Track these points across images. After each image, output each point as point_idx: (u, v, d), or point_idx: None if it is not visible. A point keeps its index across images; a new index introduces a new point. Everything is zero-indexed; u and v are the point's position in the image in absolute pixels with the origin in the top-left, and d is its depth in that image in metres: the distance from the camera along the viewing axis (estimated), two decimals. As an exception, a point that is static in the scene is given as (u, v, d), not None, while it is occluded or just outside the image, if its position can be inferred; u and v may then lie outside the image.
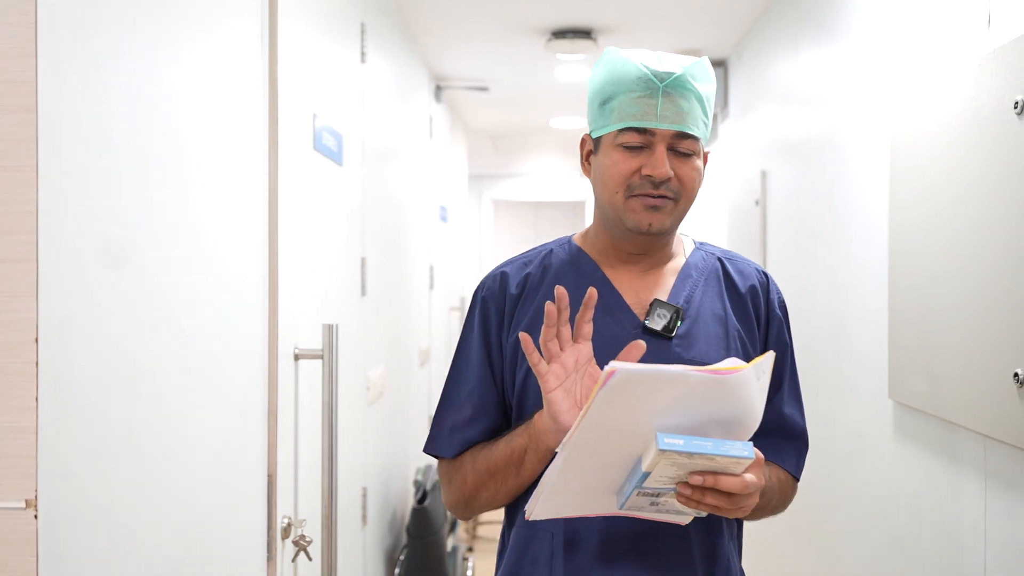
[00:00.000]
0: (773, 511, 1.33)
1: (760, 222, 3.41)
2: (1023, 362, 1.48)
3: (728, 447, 1.05)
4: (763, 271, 1.41)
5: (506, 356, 1.34)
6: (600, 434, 1.06)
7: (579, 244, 1.40)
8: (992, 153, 1.58)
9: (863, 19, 2.38)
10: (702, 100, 1.28)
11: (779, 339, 1.37)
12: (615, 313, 1.31)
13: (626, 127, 1.27)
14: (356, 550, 2.62)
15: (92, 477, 1.09)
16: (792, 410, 1.36)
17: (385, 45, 3.12)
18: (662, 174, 1.25)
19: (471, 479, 1.31)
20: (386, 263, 3.08)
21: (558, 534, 1.28)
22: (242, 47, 1.60)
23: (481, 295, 1.38)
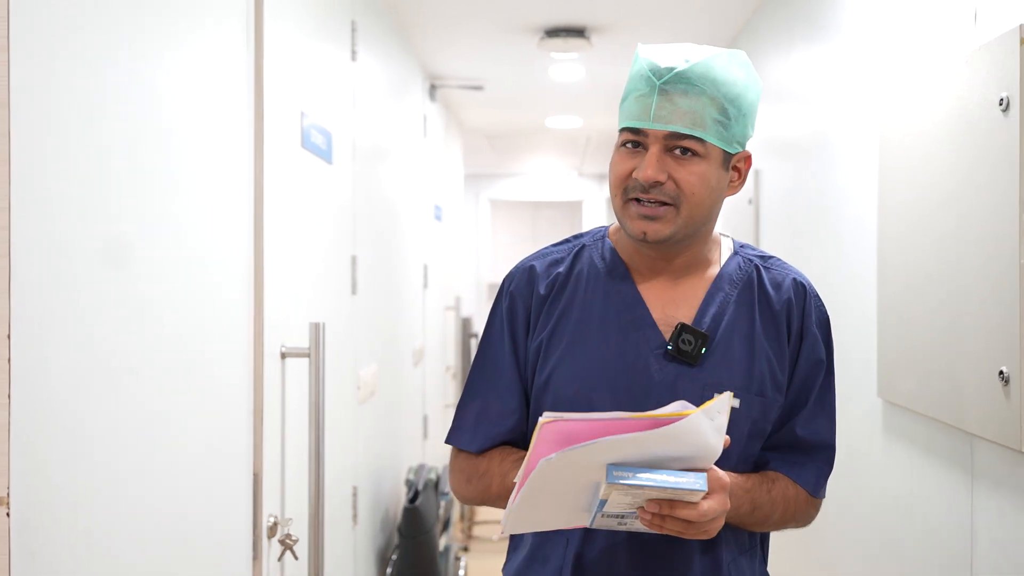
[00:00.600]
0: (776, 526, 1.29)
1: (753, 221, 3.40)
2: (1008, 360, 1.47)
3: (679, 480, 1.05)
4: (803, 283, 1.33)
5: (530, 356, 1.31)
6: (552, 476, 1.05)
7: (613, 241, 1.35)
8: (978, 150, 1.58)
9: (853, 18, 2.37)
10: (718, 98, 1.20)
11: (812, 356, 1.30)
12: (641, 329, 1.27)
13: (624, 127, 1.24)
14: (346, 550, 2.61)
15: (69, 475, 1.08)
16: (812, 429, 1.30)
17: (377, 44, 3.11)
18: (645, 177, 1.20)
19: (496, 489, 1.28)
20: (378, 262, 3.07)
21: (573, 540, 1.27)
22: (227, 44, 1.60)
23: (509, 289, 1.34)
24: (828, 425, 1.32)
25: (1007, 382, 1.48)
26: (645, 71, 1.22)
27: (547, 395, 1.28)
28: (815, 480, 1.30)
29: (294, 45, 2.00)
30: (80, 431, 1.10)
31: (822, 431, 1.31)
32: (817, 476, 1.31)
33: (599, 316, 1.28)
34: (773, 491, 1.26)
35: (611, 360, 1.26)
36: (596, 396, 1.25)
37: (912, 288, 1.88)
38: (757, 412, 1.26)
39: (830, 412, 1.32)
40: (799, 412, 1.30)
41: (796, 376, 1.30)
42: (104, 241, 1.15)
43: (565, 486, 1.08)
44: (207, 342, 1.50)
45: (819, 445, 1.31)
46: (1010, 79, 1.46)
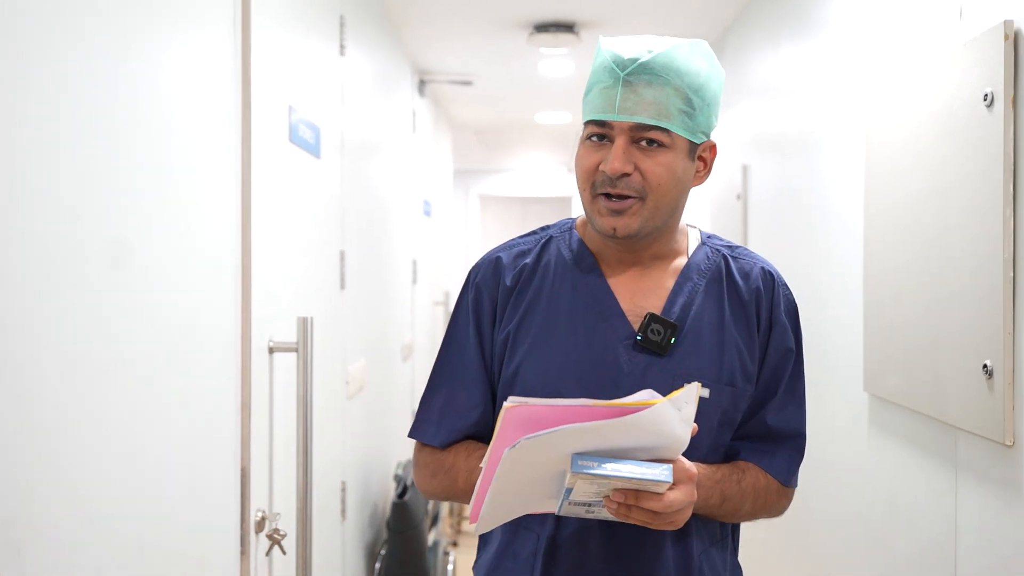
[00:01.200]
0: (747, 516, 1.29)
1: (741, 216, 3.41)
2: (992, 354, 1.49)
3: (644, 471, 1.04)
4: (770, 271, 1.33)
5: (496, 348, 1.30)
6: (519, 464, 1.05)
7: (580, 233, 1.34)
8: (963, 146, 1.59)
9: (839, 15, 2.38)
10: (683, 88, 1.19)
11: (782, 344, 1.30)
12: (610, 320, 1.26)
13: (589, 120, 1.23)
14: (335, 545, 2.61)
15: (55, 471, 1.08)
16: (783, 418, 1.30)
17: (366, 38, 3.10)
18: (612, 169, 1.19)
19: (462, 485, 1.27)
20: (366, 257, 3.07)
21: (543, 536, 1.27)
22: (214, 37, 1.59)
23: (475, 280, 1.33)
24: (798, 413, 1.32)
25: (991, 375, 1.49)
26: (608, 63, 1.21)
27: (515, 387, 1.27)
28: (787, 469, 1.30)
29: (282, 39, 2.00)
30: (66, 426, 1.10)
31: (793, 419, 1.31)
32: (788, 464, 1.30)
33: (567, 307, 1.28)
34: (743, 482, 1.25)
35: (579, 351, 1.25)
36: (564, 388, 1.24)
37: (897, 283, 1.89)
38: (727, 402, 1.26)
39: (800, 400, 1.32)
40: (769, 401, 1.30)
41: (766, 365, 1.30)
42: (90, 236, 1.14)
43: (532, 474, 1.07)
44: (194, 336, 1.50)
45: (790, 433, 1.31)
46: (995, 75, 1.47)
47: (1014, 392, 1.45)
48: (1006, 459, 1.49)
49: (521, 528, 1.28)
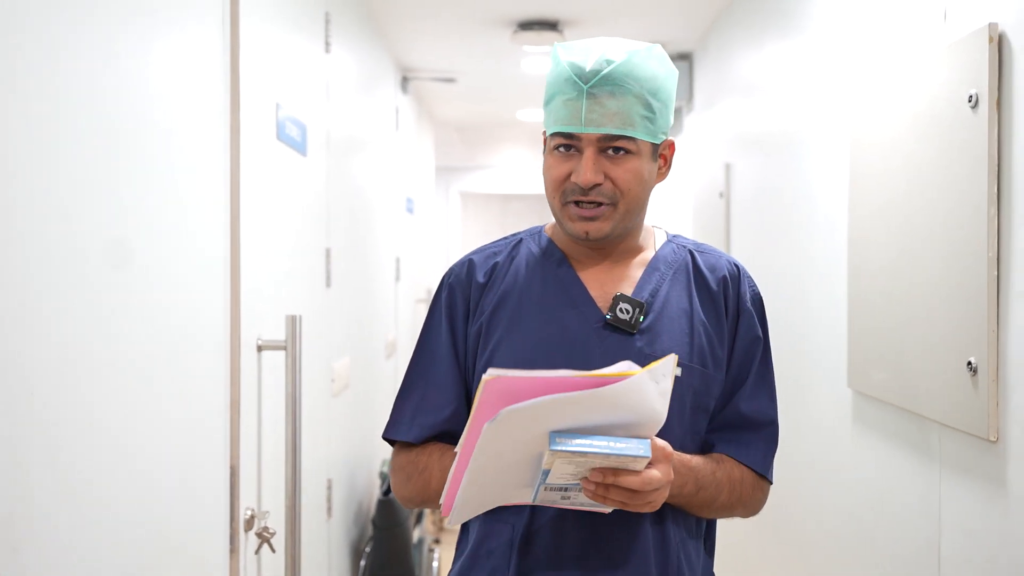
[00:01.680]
0: (724, 509, 1.29)
1: (724, 214, 3.44)
2: (977, 351, 1.51)
3: (623, 447, 1.05)
4: (736, 264, 1.37)
5: (469, 343, 1.33)
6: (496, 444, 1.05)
7: (550, 234, 1.39)
8: (948, 146, 1.61)
9: (823, 13, 2.41)
10: (643, 95, 1.23)
11: (749, 332, 1.33)
12: (579, 306, 1.30)
13: (555, 131, 1.26)
14: (321, 542, 2.61)
15: (50, 470, 1.07)
16: (755, 406, 1.32)
17: (350, 35, 3.10)
18: (585, 181, 1.23)
19: (436, 484, 1.28)
20: (351, 254, 3.07)
21: (518, 526, 1.27)
22: (203, 33, 1.59)
23: (448, 282, 1.37)
24: (770, 402, 1.34)
25: (975, 372, 1.51)
26: (570, 75, 1.23)
27: None
28: (761, 458, 1.32)
29: (269, 36, 1.99)
30: (63, 426, 1.10)
31: (765, 408, 1.33)
32: (764, 454, 1.32)
33: (537, 297, 1.31)
34: (718, 472, 1.27)
35: (550, 337, 1.28)
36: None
37: (881, 280, 1.92)
38: (698, 382, 1.28)
39: (771, 389, 1.35)
40: (740, 389, 1.33)
41: (735, 352, 1.33)
42: (85, 236, 1.14)
43: (508, 457, 1.07)
44: (186, 335, 1.50)
45: (763, 422, 1.33)
46: (979, 77, 1.49)
47: (998, 389, 1.47)
48: (990, 454, 1.51)
49: (495, 521, 1.29)
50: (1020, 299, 1.43)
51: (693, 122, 4.23)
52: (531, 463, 1.08)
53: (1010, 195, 1.45)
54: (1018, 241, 1.43)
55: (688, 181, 4.20)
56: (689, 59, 4.22)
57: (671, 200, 4.54)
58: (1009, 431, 1.45)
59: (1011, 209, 1.45)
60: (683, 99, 4.25)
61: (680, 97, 4.25)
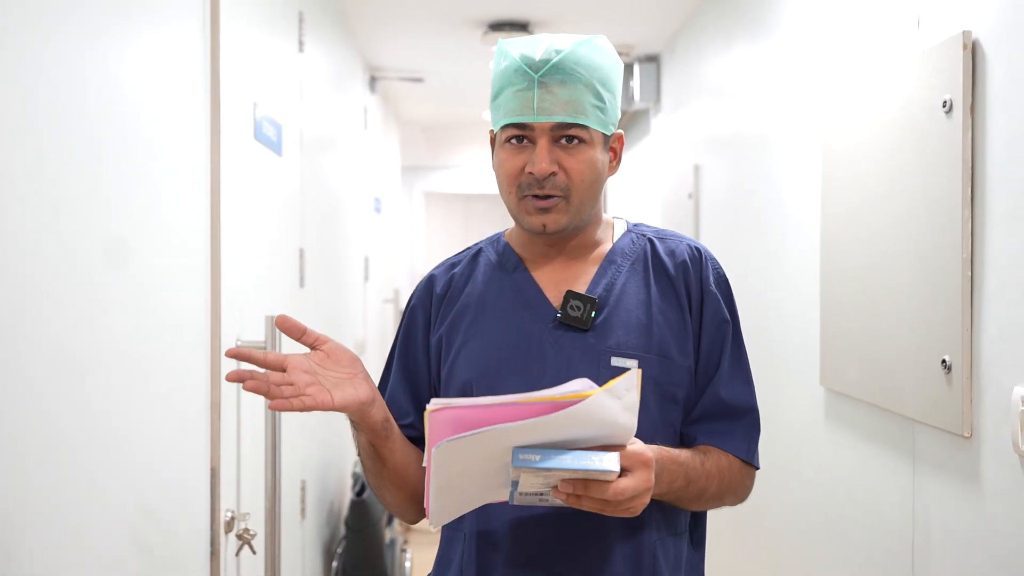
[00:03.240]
0: (714, 500, 1.29)
1: (693, 215, 3.48)
2: (951, 350, 1.55)
3: (587, 463, 1.02)
4: (697, 247, 1.35)
5: (431, 354, 1.34)
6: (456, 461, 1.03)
7: (507, 240, 1.39)
8: (922, 149, 1.65)
9: (794, 18, 2.45)
10: (592, 84, 1.23)
11: (716, 316, 1.31)
12: (533, 307, 1.30)
13: (507, 123, 1.25)
14: (295, 543, 2.60)
15: (43, 472, 1.06)
16: (733, 391, 1.31)
17: (322, 35, 3.09)
18: (540, 171, 1.21)
19: (372, 481, 1.31)
20: (323, 255, 3.05)
21: (470, 537, 1.27)
22: (184, 35, 1.57)
23: (412, 302, 1.39)
24: (747, 388, 1.33)
25: (949, 370, 1.55)
26: (520, 66, 1.23)
27: (452, 384, 1.30)
28: (746, 445, 1.31)
29: (247, 36, 1.98)
30: (51, 428, 1.09)
31: (742, 394, 1.32)
32: (747, 441, 1.31)
33: (494, 304, 1.31)
34: (707, 463, 1.25)
35: (506, 339, 1.28)
36: (496, 376, 1.27)
37: (855, 280, 1.96)
38: (658, 372, 1.26)
39: (747, 374, 1.34)
40: (715, 374, 1.31)
41: (703, 337, 1.31)
42: (66, 237, 1.13)
43: (475, 468, 1.06)
44: (168, 336, 1.49)
45: (743, 409, 1.31)
46: (954, 83, 1.53)
47: (972, 386, 1.52)
48: (964, 450, 1.55)
49: (452, 529, 1.29)
50: (993, 299, 1.47)
51: (661, 123, 4.27)
52: (500, 471, 1.07)
53: (984, 198, 1.49)
54: (991, 242, 1.47)
55: (657, 182, 4.24)
56: (657, 61, 4.26)
57: (639, 201, 4.58)
58: (983, 427, 1.49)
59: (985, 212, 1.49)
60: (650, 100, 4.29)
61: (647, 99, 4.28)
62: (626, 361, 1.25)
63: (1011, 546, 1.43)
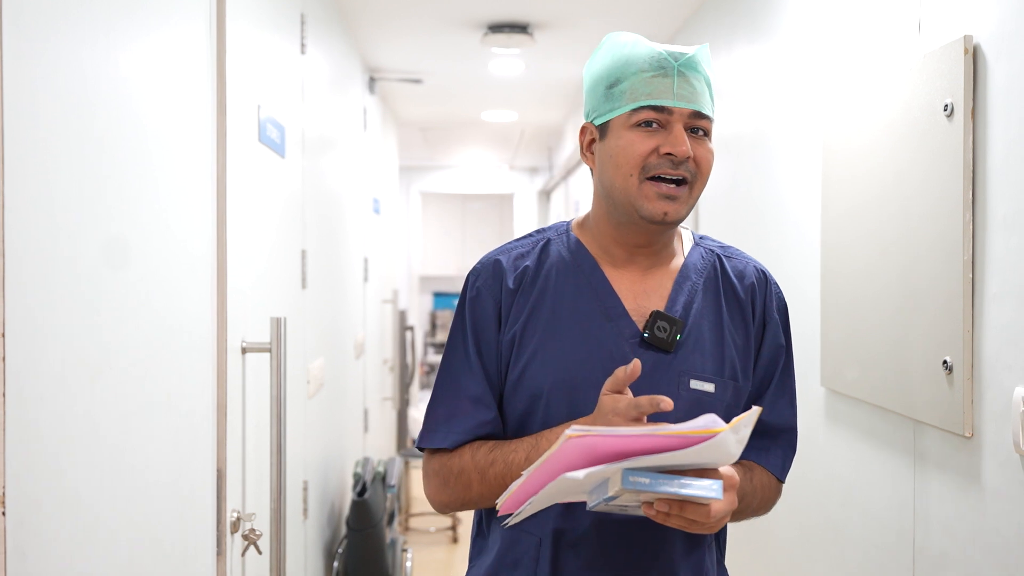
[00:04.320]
0: (753, 513, 1.32)
1: (692, 213, 3.49)
2: (952, 351, 1.56)
3: (695, 487, 1.03)
4: (763, 270, 1.37)
5: (502, 350, 1.30)
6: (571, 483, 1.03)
7: (577, 235, 1.35)
8: (923, 152, 1.67)
9: (794, 20, 2.46)
10: (710, 84, 1.27)
11: (774, 341, 1.34)
12: (614, 320, 1.28)
13: (641, 106, 1.24)
14: (298, 543, 2.61)
15: (57, 474, 1.07)
16: (777, 413, 1.33)
17: (322, 36, 3.09)
18: (683, 152, 1.22)
19: (477, 489, 1.26)
20: (324, 256, 3.06)
21: (546, 540, 1.26)
22: (190, 36, 1.58)
23: (475, 283, 1.32)
24: (790, 409, 1.35)
25: (951, 371, 1.57)
26: (658, 54, 1.24)
27: (522, 389, 1.27)
28: (781, 464, 1.34)
29: (252, 37, 1.99)
30: (67, 430, 1.10)
31: (785, 414, 1.34)
32: (783, 460, 1.35)
33: (571, 308, 1.28)
34: (754, 480, 1.29)
35: (587, 351, 1.26)
36: (573, 389, 1.25)
37: (855, 281, 1.97)
38: (731, 396, 1.29)
39: (791, 395, 1.36)
40: (763, 396, 1.33)
41: (760, 361, 1.33)
42: (72, 238, 1.13)
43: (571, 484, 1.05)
44: (175, 338, 1.49)
45: (782, 428, 1.34)
46: (955, 87, 1.55)
47: (973, 386, 1.53)
48: (965, 450, 1.57)
49: (519, 531, 1.28)
50: (994, 300, 1.48)
51: (659, 124, 4.27)
52: (600, 485, 1.07)
53: (984, 200, 1.51)
54: (992, 245, 1.49)
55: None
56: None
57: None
58: (984, 427, 1.51)
59: (986, 214, 1.50)
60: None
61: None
62: (704, 384, 1.26)
63: (1012, 546, 1.44)
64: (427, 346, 9.97)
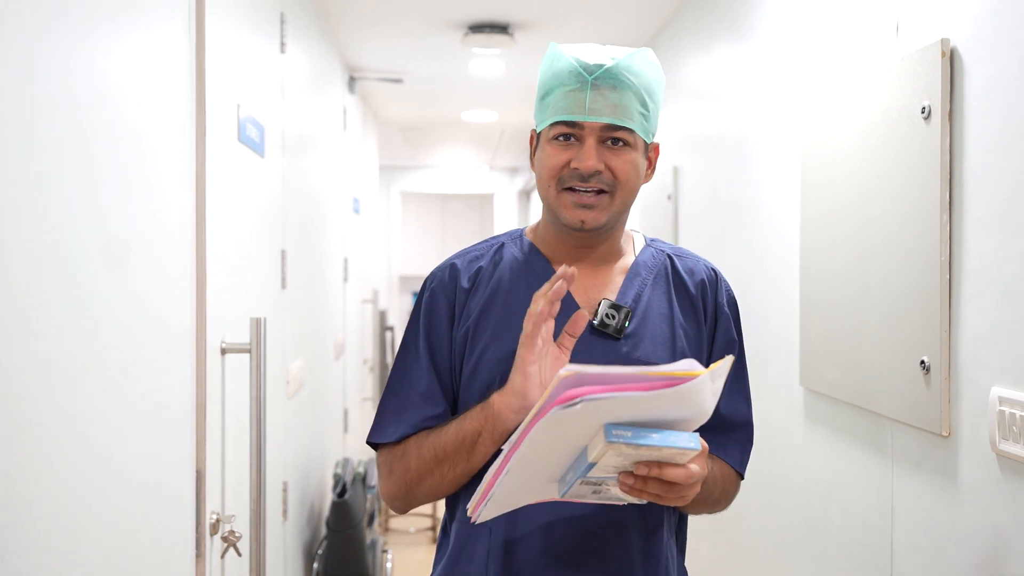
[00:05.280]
0: (714, 505, 1.34)
1: (672, 216, 3.51)
2: (929, 351, 1.58)
3: (675, 438, 1.06)
4: (713, 268, 1.42)
5: (455, 347, 1.33)
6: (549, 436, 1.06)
7: (531, 239, 1.40)
8: (901, 155, 1.68)
9: (774, 21, 2.48)
10: (640, 92, 1.27)
11: (726, 336, 1.37)
12: (564, 312, 1.29)
13: (556, 121, 1.28)
14: (277, 545, 2.60)
15: (36, 474, 1.06)
16: (732, 406, 1.36)
17: (302, 35, 3.08)
18: (588, 167, 1.25)
19: (415, 465, 1.29)
20: (304, 256, 3.05)
21: (496, 532, 1.28)
22: (169, 35, 1.57)
23: (431, 286, 1.37)
24: (745, 403, 1.39)
25: (928, 371, 1.58)
26: (575, 67, 1.26)
27: (475, 382, 1.30)
28: (740, 457, 1.37)
29: (230, 36, 1.98)
30: (41, 432, 1.09)
31: (741, 409, 1.38)
32: (741, 453, 1.38)
33: (523, 304, 1.30)
34: (715, 468, 1.30)
35: None
36: None
37: (834, 282, 1.98)
38: None
39: (745, 390, 1.40)
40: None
41: (714, 356, 1.36)
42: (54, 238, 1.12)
43: (553, 450, 1.08)
44: (155, 338, 1.48)
45: (739, 422, 1.38)
46: (932, 89, 1.56)
47: (950, 386, 1.55)
48: (942, 449, 1.59)
49: (474, 527, 1.29)
50: (971, 301, 1.50)
51: (639, 125, 4.29)
52: (571, 456, 1.09)
53: (961, 202, 1.52)
54: (969, 246, 1.50)
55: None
56: (635, 63, 4.28)
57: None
58: (961, 426, 1.53)
59: (962, 216, 1.52)
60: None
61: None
62: None
63: (988, 544, 1.46)
64: (407, 346, 9.95)
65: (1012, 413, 1.37)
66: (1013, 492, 1.39)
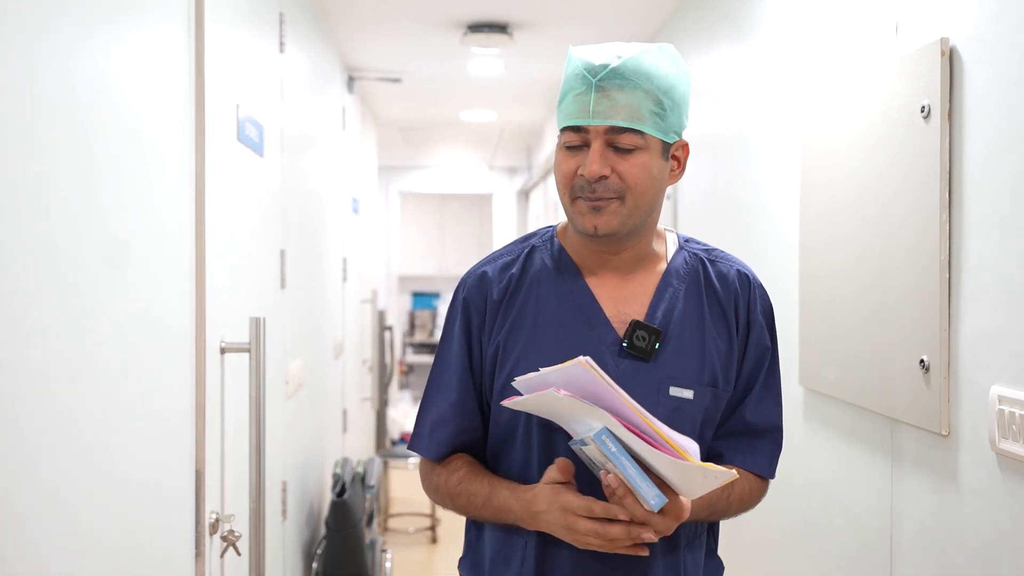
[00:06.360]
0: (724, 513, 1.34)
1: (671, 214, 3.51)
2: (929, 350, 1.58)
3: (642, 485, 1.11)
4: (746, 273, 1.38)
5: (486, 361, 1.33)
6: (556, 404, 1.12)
7: (561, 241, 1.37)
8: (901, 154, 1.68)
9: (774, 21, 2.48)
10: (652, 90, 1.23)
11: (759, 344, 1.35)
12: (595, 328, 1.30)
13: (564, 127, 1.26)
14: (277, 544, 2.60)
15: (35, 474, 1.06)
16: (760, 413, 1.36)
17: (301, 35, 3.08)
18: (590, 172, 1.22)
19: (449, 502, 1.34)
20: (303, 255, 3.05)
21: (531, 542, 1.30)
22: (169, 35, 1.57)
23: (462, 296, 1.36)
24: (775, 408, 1.38)
25: (928, 370, 1.58)
26: (580, 70, 1.24)
27: (506, 396, 1.28)
28: (768, 463, 1.37)
29: (230, 36, 1.98)
30: (41, 432, 1.08)
31: (770, 414, 1.37)
32: (769, 459, 1.37)
33: (553, 316, 1.31)
34: (732, 495, 1.31)
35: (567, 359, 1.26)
36: None
37: (835, 285, 1.98)
38: (709, 402, 1.31)
39: (776, 395, 1.38)
40: (743, 398, 1.35)
41: (746, 364, 1.35)
42: (53, 239, 1.12)
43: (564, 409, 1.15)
44: (152, 338, 1.48)
45: (768, 427, 1.37)
46: (932, 88, 1.56)
47: (950, 385, 1.55)
48: (942, 448, 1.59)
49: (510, 533, 1.32)
50: (971, 301, 1.50)
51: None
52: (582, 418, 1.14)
53: (961, 202, 1.52)
54: (969, 245, 1.50)
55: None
56: (634, 63, 4.27)
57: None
58: (960, 425, 1.53)
59: (962, 215, 1.52)
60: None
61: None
62: (683, 391, 1.28)
63: (988, 543, 1.46)
64: (406, 346, 9.95)
65: (1012, 412, 1.37)
66: (1013, 491, 1.40)
